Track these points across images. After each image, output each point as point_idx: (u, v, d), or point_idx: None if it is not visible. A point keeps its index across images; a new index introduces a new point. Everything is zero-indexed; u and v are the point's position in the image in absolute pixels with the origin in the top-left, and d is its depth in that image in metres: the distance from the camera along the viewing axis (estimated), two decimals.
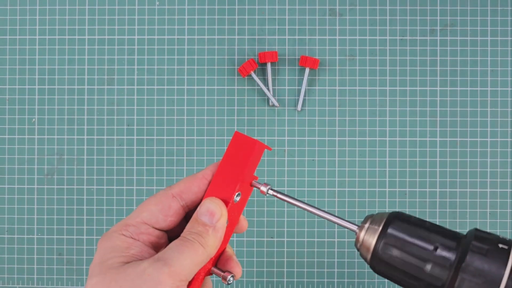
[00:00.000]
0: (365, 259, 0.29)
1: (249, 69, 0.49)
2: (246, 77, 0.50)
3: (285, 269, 0.50)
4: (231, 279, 0.30)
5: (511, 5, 0.50)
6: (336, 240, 0.50)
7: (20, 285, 0.51)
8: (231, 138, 0.31)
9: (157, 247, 0.30)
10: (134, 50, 0.51)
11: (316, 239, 0.50)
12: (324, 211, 0.30)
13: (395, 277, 0.28)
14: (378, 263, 0.28)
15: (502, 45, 0.50)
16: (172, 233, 0.30)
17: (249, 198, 0.50)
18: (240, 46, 0.51)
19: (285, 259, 0.50)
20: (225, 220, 0.29)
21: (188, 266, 0.27)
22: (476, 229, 0.28)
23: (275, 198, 0.50)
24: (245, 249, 0.50)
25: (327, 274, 0.50)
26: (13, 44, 0.51)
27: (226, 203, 0.29)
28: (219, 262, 0.31)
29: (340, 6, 0.50)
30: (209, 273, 0.31)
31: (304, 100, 0.50)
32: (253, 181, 0.31)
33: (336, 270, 0.50)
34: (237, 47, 0.51)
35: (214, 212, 0.29)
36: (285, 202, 0.34)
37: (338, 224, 0.30)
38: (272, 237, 0.50)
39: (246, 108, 0.50)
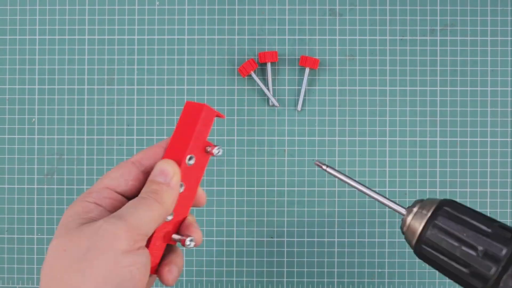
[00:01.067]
0: (410, 243, 0.29)
1: (249, 69, 0.49)
2: (246, 77, 0.50)
3: (285, 269, 0.50)
4: (190, 243, 0.31)
5: (511, 5, 0.50)
6: (336, 240, 0.50)
7: (20, 285, 0.51)
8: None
9: None
10: (134, 50, 0.51)
11: (316, 239, 0.50)
12: (374, 190, 0.31)
13: (440, 262, 0.28)
14: (424, 248, 0.28)
15: (502, 45, 0.50)
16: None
17: (249, 198, 0.50)
18: (240, 46, 0.51)
19: (285, 259, 0.50)
20: (179, 178, 0.30)
21: (144, 220, 0.28)
22: None
23: (275, 199, 0.50)
24: (245, 249, 0.50)
25: (327, 274, 0.50)
26: (13, 44, 0.51)
27: (179, 164, 0.31)
28: (180, 229, 0.32)
29: (340, 6, 0.50)
30: (170, 239, 0.31)
31: (304, 100, 0.50)
32: (207, 147, 0.32)
33: (336, 270, 0.50)
34: (237, 47, 0.51)
35: (166, 171, 0.30)
36: (285, 201, 0.34)
37: (386, 205, 0.30)
38: (272, 237, 0.50)
39: (246, 108, 0.50)
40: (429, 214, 0.28)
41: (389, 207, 0.31)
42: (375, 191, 0.31)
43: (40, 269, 0.33)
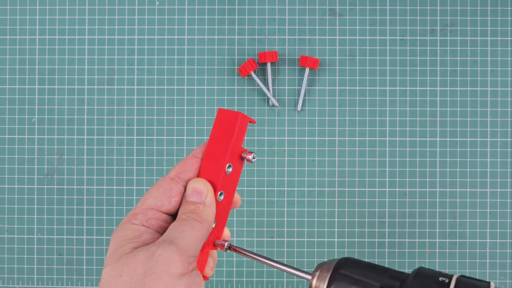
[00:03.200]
0: None
1: (249, 69, 0.49)
2: (246, 77, 0.50)
3: None
4: (228, 247, 0.33)
5: (511, 5, 0.50)
6: (336, 240, 0.50)
7: (20, 285, 0.51)
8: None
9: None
10: (134, 50, 0.51)
11: (316, 239, 0.50)
12: (279, 262, 0.33)
13: None
14: None
15: (502, 45, 0.50)
16: None
17: (249, 198, 0.50)
18: (240, 46, 0.51)
19: (285, 259, 0.50)
20: (212, 195, 0.31)
21: (192, 242, 0.28)
22: (419, 267, 0.30)
23: (275, 199, 0.50)
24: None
25: None
26: (13, 44, 0.51)
27: (218, 175, 0.31)
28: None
29: (340, 6, 0.50)
30: (214, 246, 0.33)
31: (304, 100, 0.50)
32: (242, 153, 0.33)
33: None
34: (237, 47, 0.51)
35: (200, 190, 0.30)
36: (285, 201, 0.35)
37: (293, 274, 0.32)
38: (272, 237, 0.50)
39: (246, 108, 0.50)
40: (328, 277, 0.30)
41: (297, 275, 0.32)
42: (281, 263, 0.32)
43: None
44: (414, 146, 0.50)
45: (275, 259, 0.33)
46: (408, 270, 0.50)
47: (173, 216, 0.31)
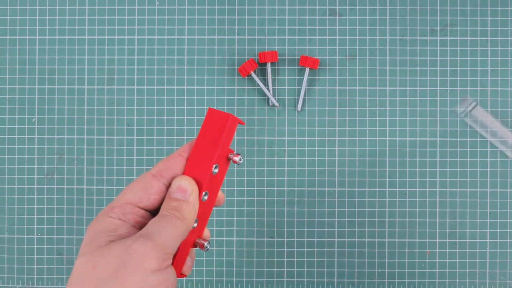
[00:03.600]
0: None
1: (249, 69, 0.49)
2: (246, 77, 0.50)
3: (285, 269, 0.50)
4: (208, 246, 0.32)
5: (511, 5, 0.50)
6: (336, 240, 0.50)
7: (20, 285, 0.51)
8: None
9: (143, 228, 0.31)
10: (134, 50, 0.51)
11: (316, 239, 0.50)
12: None
13: None
14: None
15: (502, 45, 0.50)
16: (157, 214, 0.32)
17: (249, 198, 0.50)
18: (240, 46, 0.51)
19: (285, 259, 0.50)
20: (197, 194, 0.30)
21: (170, 239, 0.28)
22: None
23: (275, 199, 0.50)
24: (245, 249, 0.50)
25: (327, 274, 0.50)
26: (13, 44, 0.51)
27: (204, 175, 0.31)
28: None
29: (340, 6, 0.50)
30: (194, 245, 0.33)
31: (304, 100, 0.50)
32: (229, 154, 0.33)
33: (336, 270, 0.50)
34: (237, 47, 0.51)
35: (185, 188, 0.30)
36: (285, 201, 0.35)
37: None
38: (272, 237, 0.50)
39: (246, 108, 0.50)
40: None
41: None
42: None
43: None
44: (414, 146, 0.50)
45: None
46: (408, 270, 0.50)
47: (151, 212, 0.31)
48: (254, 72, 0.50)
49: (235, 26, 0.51)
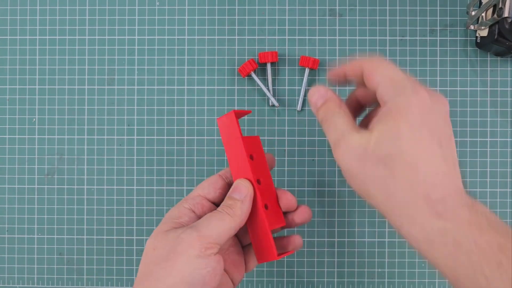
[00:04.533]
0: None
1: (249, 69, 0.49)
2: (246, 77, 0.50)
3: (285, 269, 0.50)
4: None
5: None
6: (336, 240, 0.50)
7: (21, 285, 0.51)
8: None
9: None
10: (135, 50, 0.51)
11: (316, 239, 0.50)
12: None
13: None
14: None
15: None
16: None
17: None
18: (240, 46, 0.51)
19: (285, 259, 0.50)
20: (251, 196, 0.36)
21: (215, 232, 0.33)
22: None
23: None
24: None
25: (327, 274, 0.50)
26: (14, 44, 0.51)
27: (249, 178, 0.36)
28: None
29: (340, 7, 0.51)
30: (280, 228, 0.40)
31: (304, 100, 0.50)
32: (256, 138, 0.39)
33: (336, 270, 0.50)
34: (237, 47, 0.51)
35: (241, 189, 0.36)
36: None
37: None
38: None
39: (246, 108, 0.50)
40: None
41: None
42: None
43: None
44: None
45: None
46: (408, 270, 0.50)
47: (217, 205, 0.37)
48: (254, 72, 0.50)
49: (235, 27, 0.51)
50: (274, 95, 0.50)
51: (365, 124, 0.34)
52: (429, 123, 0.29)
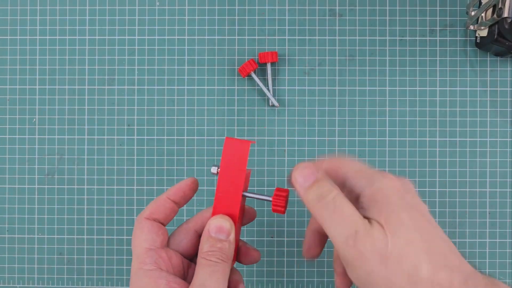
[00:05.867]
0: None
1: (249, 69, 0.49)
2: (246, 77, 0.50)
3: (285, 269, 0.50)
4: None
5: None
6: None
7: (21, 285, 0.51)
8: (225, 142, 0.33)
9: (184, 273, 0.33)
10: (135, 51, 0.51)
11: None
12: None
13: None
14: None
15: None
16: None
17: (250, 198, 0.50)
18: (240, 47, 0.51)
19: (285, 259, 0.50)
20: (234, 232, 0.32)
21: (222, 285, 0.30)
22: None
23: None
24: None
25: (327, 274, 0.50)
26: (14, 44, 0.51)
27: (236, 210, 0.32)
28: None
29: (340, 7, 0.51)
30: None
31: (304, 100, 0.50)
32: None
33: None
34: (237, 47, 0.51)
35: (225, 228, 0.31)
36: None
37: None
38: (272, 237, 0.50)
39: (246, 108, 0.50)
40: None
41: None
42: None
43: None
44: (414, 146, 0.50)
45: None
46: None
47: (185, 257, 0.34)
48: (254, 72, 0.50)
49: (235, 27, 0.51)
50: (274, 95, 0.50)
51: None
52: (409, 202, 0.29)
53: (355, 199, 0.29)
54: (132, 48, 0.51)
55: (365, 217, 0.28)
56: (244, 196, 0.33)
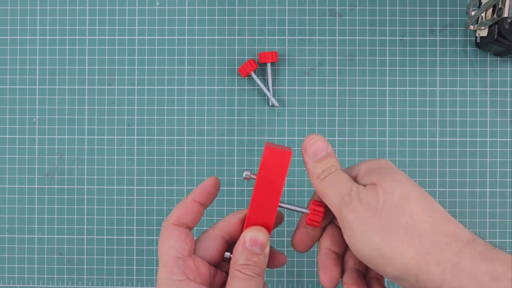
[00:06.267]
0: None
1: (249, 69, 0.49)
2: (246, 77, 0.50)
3: (285, 269, 0.50)
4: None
5: None
6: None
7: (21, 285, 0.51)
8: (263, 150, 0.32)
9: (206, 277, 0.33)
10: (135, 50, 0.51)
11: None
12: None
13: None
14: None
15: None
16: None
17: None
18: (240, 46, 0.51)
19: None
20: (269, 246, 0.31)
21: None
22: None
23: None
24: None
25: None
26: (14, 44, 0.51)
27: (271, 221, 0.31)
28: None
29: (340, 7, 0.51)
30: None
31: (304, 100, 0.50)
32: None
33: None
34: (237, 47, 0.51)
35: (262, 242, 0.31)
36: (285, 201, 0.35)
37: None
38: (272, 237, 0.50)
39: (246, 108, 0.50)
40: None
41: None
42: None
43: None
44: (414, 146, 0.50)
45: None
46: None
47: (215, 265, 0.33)
48: (254, 72, 0.50)
49: (235, 27, 0.51)
50: (274, 95, 0.50)
51: None
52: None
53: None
54: (132, 48, 0.51)
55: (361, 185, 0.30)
56: (280, 207, 0.32)
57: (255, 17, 0.51)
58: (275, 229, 0.50)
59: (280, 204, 0.32)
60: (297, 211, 0.32)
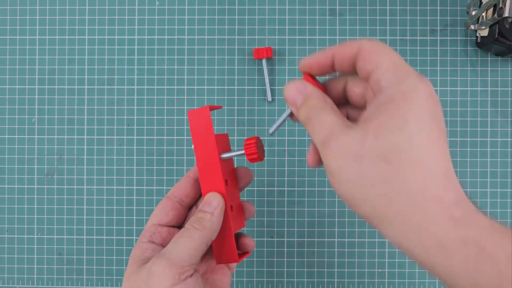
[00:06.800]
0: None
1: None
2: (246, 77, 0.50)
3: (285, 269, 0.50)
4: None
5: None
6: (336, 240, 0.50)
7: (20, 285, 0.51)
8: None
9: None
10: (134, 50, 0.51)
11: (316, 239, 0.50)
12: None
13: None
14: None
15: None
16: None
17: (249, 198, 0.50)
18: (240, 46, 0.51)
19: (285, 259, 0.50)
20: (222, 208, 0.34)
21: (185, 253, 0.31)
22: None
23: (275, 199, 0.50)
24: None
25: (327, 274, 0.50)
26: (13, 44, 0.51)
27: (221, 185, 0.34)
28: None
29: (340, 6, 0.50)
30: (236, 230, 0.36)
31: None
32: (221, 155, 0.34)
33: (336, 270, 0.50)
34: (237, 47, 0.51)
35: (211, 202, 0.33)
36: (285, 201, 0.35)
37: None
38: (272, 237, 0.50)
39: (246, 108, 0.50)
40: None
41: None
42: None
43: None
44: None
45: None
46: (408, 270, 0.50)
47: (179, 227, 0.36)
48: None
49: (235, 26, 0.51)
50: (273, 95, 0.50)
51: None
52: (436, 115, 0.25)
53: (373, 95, 0.27)
54: (132, 48, 0.51)
55: (356, 121, 0.27)
56: (223, 159, 0.34)
57: (255, 17, 0.50)
58: (275, 229, 0.50)
59: (221, 156, 0.34)
60: (236, 155, 0.34)
